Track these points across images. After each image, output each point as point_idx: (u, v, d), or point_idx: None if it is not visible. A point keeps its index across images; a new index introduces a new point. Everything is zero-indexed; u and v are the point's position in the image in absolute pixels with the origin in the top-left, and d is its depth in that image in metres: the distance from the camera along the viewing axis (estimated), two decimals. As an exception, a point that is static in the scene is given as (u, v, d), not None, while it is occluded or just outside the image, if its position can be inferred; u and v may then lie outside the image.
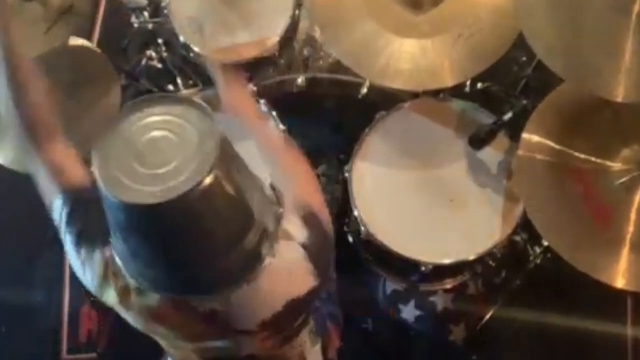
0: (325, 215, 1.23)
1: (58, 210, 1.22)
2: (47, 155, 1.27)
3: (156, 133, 0.97)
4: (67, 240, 1.21)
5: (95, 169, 0.95)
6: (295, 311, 1.19)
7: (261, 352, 1.26)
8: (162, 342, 1.32)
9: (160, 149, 0.95)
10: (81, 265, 1.18)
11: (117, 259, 1.11)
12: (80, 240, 1.18)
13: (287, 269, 1.11)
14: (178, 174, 0.92)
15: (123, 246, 1.04)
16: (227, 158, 0.97)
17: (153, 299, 1.11)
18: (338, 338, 1.66)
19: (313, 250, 1.14)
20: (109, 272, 1.14)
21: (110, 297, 1.16)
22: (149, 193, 0.91)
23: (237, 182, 0.98)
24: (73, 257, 1.20)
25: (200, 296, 1.10)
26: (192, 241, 0.98)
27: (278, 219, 1.11)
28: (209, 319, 1.12)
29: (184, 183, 0.91)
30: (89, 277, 1.17)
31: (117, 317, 1.20)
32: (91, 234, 1.17)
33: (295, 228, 1.15)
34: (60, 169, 1.25)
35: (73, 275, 2.63)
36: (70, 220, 1.20)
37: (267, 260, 1.07)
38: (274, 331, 1.20)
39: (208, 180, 0.92)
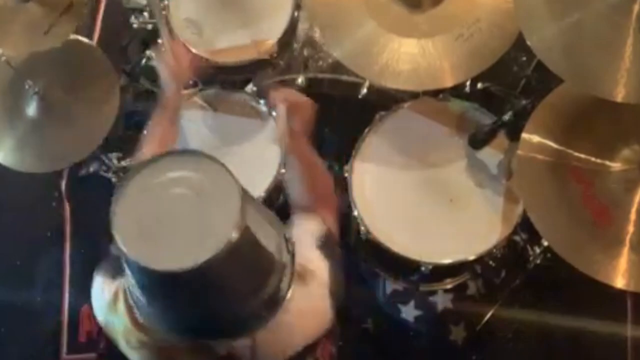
0: (337, 236, 1.24)
1: None
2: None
3: (177, 191, 0.94)
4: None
5: (116, 232, 0.92)
6: (312, 347, 1.18)
7: None
8: None
9: (181, 210, 0.93)
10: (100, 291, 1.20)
11: (132, 302, 1.09)
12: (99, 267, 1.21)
13: (311, 309, 1.12)
14: (200, 239, 0.90)
15: (140, 295, 1.02)
16: (249, 211, 0.94)
17: (169, 339, 1.10)
18: (333, 346, 1.65)
19: (333, 284, 1.15)
20: (118, 303, 1.15)
21: (119, 335, 1.16)
22: (168, 259, 0.89)
23: (258, 231, 0.97)
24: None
25: (222, 340, 1.09)
26: (216, 296, 0.97)
27: (291, 250, 1.09)
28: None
29: (204, 250, 0.89)
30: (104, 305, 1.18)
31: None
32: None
33: (317, 264, 1.15)
34: None
35: (73, 275, 2.65)
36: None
37: (289, 296, 1.06)
38: None
39: (233, 239, 0.90)
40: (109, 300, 1.17)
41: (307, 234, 1.21)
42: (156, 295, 0.98)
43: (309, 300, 1.11)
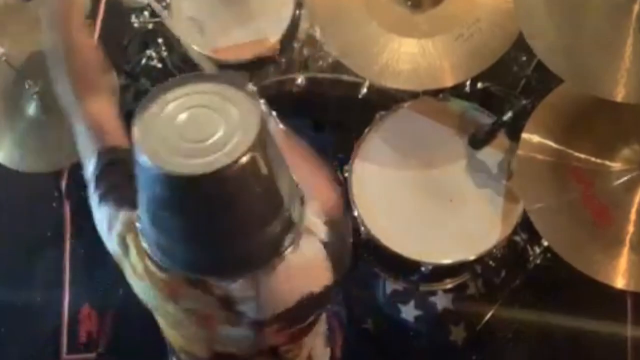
0: (346, 227, 1.24)
1: (91, 167, 1.21)
2: (89, 110, 1.25)
3: (196, 109, 0.97)
4: (94, 199, 1.20)
5: (134, 137, 0.95)
6: (308, 307, 1.18)
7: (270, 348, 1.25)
8: (171, 332, 1.31)
9: (200, 124, 0.95)
10: (107, 224, 1.17)
11: (140, 230, 1.10)
12: (108, 198, 1.17)
13: (306, 264, 1.11)
14: (217, 149, 0.92)
15: (149, 218, 1.03)
16: (266, 139, 0.96)
17: (171, 272, 1.10)
18: (342, 337, 1.66)
19: (332, 249, 1.14)
20: (129, 235, 1.14)
21: (127, 263, 1.15)
22: (187, 165, 0.91)
23: (272, 165, 0.98)
24: (98, 215, 1.19)
25: (218, 278, 1.09)
26: (221, 218, 0.98)
27: (302, 213, 1.10)
28: (223, 303, 1.12)
29: (222, 158, 0.91)
30: (113, 237, 1.16)
31: (117, 317, 1.20)
32: (120, 194, 1.16)
33: (316, 226, 1.15)
34: (100, 126, 1.23)
35: (73, 275, 2.65)
36: (101, 178, 1.19)
37: (288, 252, 1.06)
38: (285, 325, 1.19)
39: (246, 157, 0.91)
40: (120, 230, 1.16)
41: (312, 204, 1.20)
42: (162, 206, 0.98)
43: (307, 255, 1.11)
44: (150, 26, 2.41)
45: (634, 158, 1.77)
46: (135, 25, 2.41)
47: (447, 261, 1.90)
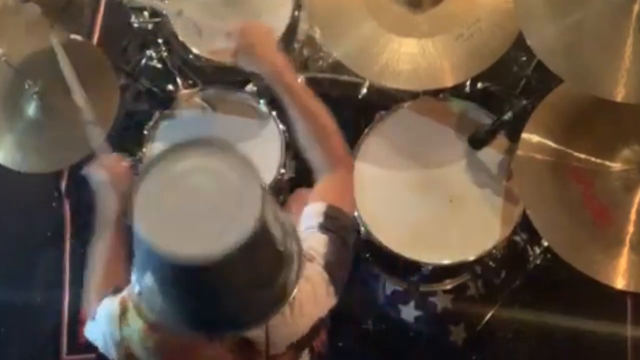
0: (348, 207, 1.27)
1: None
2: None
3: (197, 182, 0.94)
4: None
5: (138, 221, 0.91)
6: (317, 330, 1.21)
7: None
8: None
9: (202, 201, 0.92)
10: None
11: (141, 300, 1.11)
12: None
13: (313, 292, 1.15)
14: (222, 231, 0.89)
15: (154, 290, 1.02)
16: (267, 206, 0.95)
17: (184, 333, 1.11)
18: (325, 333, 1.66)
19: (333, 272, 1.18)
20: (127, 313, 1.17)
21: (137, 345, 1.16)
22: (196, 250, 0.88)
23: (273, 228, 0.97)
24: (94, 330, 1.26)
25: (234, 332, 1.11)
26: (231, 290, 0.98)
27: (298, 243, 1.10)
28: (240, 348, 1.14)
29: (228, 241, 0.89)
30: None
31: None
32: None
33: (315, 245, 1.18)
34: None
35: (73, 276, 2.65)
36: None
37: (295, 293, 1.08)
38: (295, 351, 1.23)
39: (251, 234, 0.90)
40: (118, 314, 1.17)
41: (308, 218, 1.24)
42: (173, 287, 0.98)
43: (311, 284, 1.15)
44: (150, 26, 2.41)
45: (634, 158, 1.77)
46: (135, 25, 2.42)
47: (447, 261, 1.90)
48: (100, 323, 1.22)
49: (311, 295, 1.14)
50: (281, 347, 1.16)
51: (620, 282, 1.67)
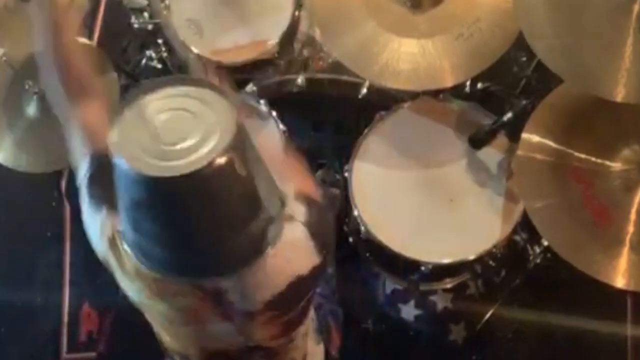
0: (323, 203, 1.24)
1: (83, 171, 1.22)
2: (81, 113, 1.26)
3: (174, 112, 0.98)
4: (86, 202, 1.21)
5: (111, 141, 0.95)
6: (299, 291, 1.19)
7: (263, 343, 1.25)
8: (163, 333, 1.31)
9: (177, 127, 0.96)
10: (99, 228, 1.17)
11: (121, 232, 1.11)
12: (99, 202, 1.18)
13: (291, 248, 1.11)
14: (193, 152, 0.93)
15: (128, 220, 1.04)
16: (242, 141, 0.97)
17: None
18: (339, 337, 1.66)
19: (314, 229, 1.15)
20: (117, 238, 1.14)
21: (117, 266, 1.16)
22: (163, 167, 0.92)
23: (250, 165, 0.99)
24: (88, 220, 1.20)
25: (199, 279, 1.10)
26: (200, 220, 0.98)
27: (282, 204, 1.12)
28: (213, 297, 1.12)
29: (198, 160, 0.92)
30: (104, 241, 1.17)
31: (117, 317, 1.20)
32: (112, 198, 1.14)
33: (296, 209, 1.15)
34: (93, 130, 1.23)
35: (73, 275, 2.65)
36: (93, 181, 1.20)
37: (269, 248, 1.08)
38: (278, 313, 1.19)
39: (223, 159, 0.92)
40: (110, 234, 1.16)
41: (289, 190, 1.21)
42: (141, 208, 0.99)
43: (290, 240, 1.12)
44: (150, 27, 2.42)
45: (634, 158, 1.77)
46: (136, 26, 2.42)
47: (447, 261, 1.90)
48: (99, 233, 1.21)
49: (288, 249, 1.11)
50: (256, 303, 1.13)
51: (620, 282, 1.67)
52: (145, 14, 2.40)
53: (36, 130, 2.07)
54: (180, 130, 0.95)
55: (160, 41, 2.43)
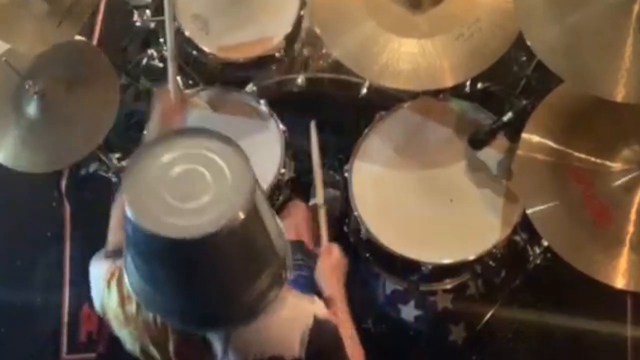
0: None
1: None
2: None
3: (190, 166, 0.95)
4: (100, 254, 1.30)
5: (124, 192, 0.93)
6: None
7: None
8: None
9: (192, 183, 0.94)
10: (105, 270, 1.22)
11: (126, 279, 1.11)
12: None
13: (289, 329, 1.13)
14: (207, 212, 0.91)
15: (134, 265, 1.03)
16: (257, 201, 0.96)
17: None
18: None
19: (317, 334, 1.15)
20: (112, 281, 1.17)
21: (112, 314, 1.18)
22: (176, 227, 0.90)
23: (263, 225, 0.98)
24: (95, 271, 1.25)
25: (202, 330, 1.11)
26: (208, 277, 0.98)
27: (289, 268, 1.11)
28: (204, 346, 1.14)
29: (212, 222, 0.90)
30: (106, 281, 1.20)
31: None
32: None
33: (320, 309, 1.18)
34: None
35: (73, 275, 2.65)
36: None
37: (268, 311, 1.08)
38: None
39: (237, 222, 0.91)
40: (106, 280, 1.19)
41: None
42: (149, 260, 0.99)
43: (286, 321, 1.13)
44: (151, 25, 2.41)
45: (634, 158, 1.77)
46: (138, 23, 2.41)
47: (447, 261, 1.90)
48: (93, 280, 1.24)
49: (285, 330, 1.12)
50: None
51: (620, 282, 1.67)
52: (148, 12, 2.40)
53: (36, 130, 2.07)
54: (195, 187, 0.93)
55: (162, 40, 2.42)
